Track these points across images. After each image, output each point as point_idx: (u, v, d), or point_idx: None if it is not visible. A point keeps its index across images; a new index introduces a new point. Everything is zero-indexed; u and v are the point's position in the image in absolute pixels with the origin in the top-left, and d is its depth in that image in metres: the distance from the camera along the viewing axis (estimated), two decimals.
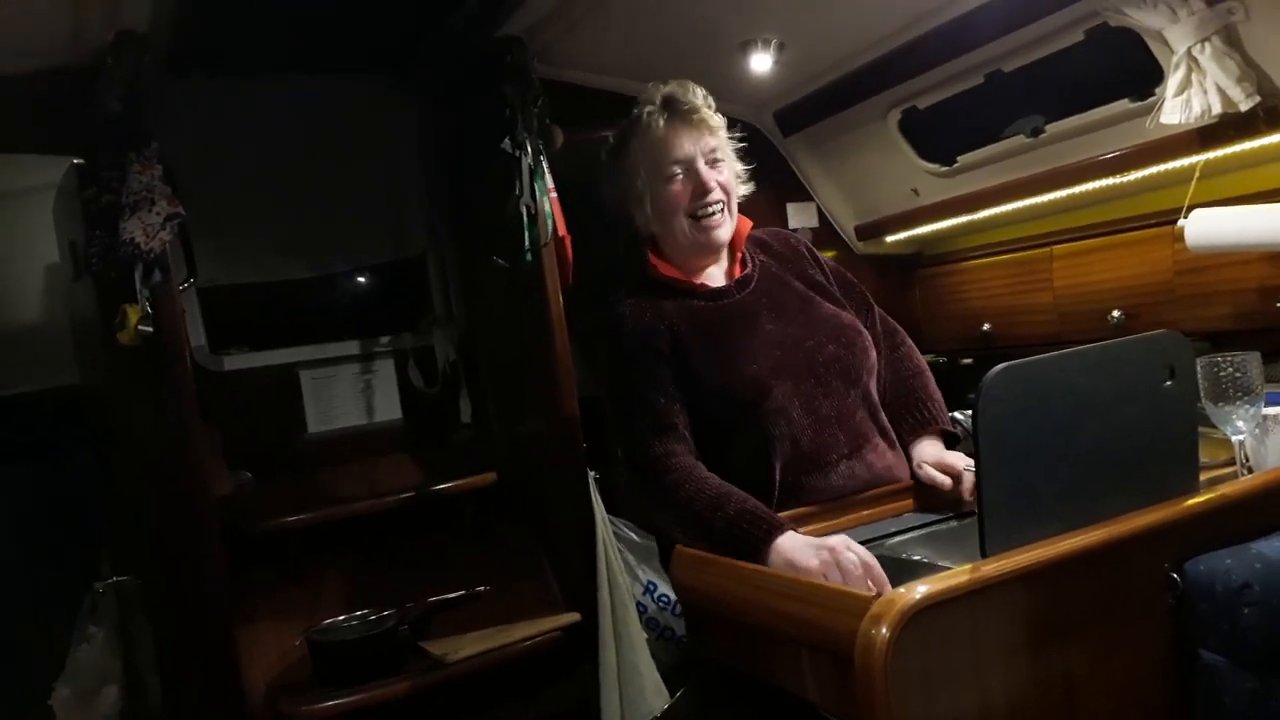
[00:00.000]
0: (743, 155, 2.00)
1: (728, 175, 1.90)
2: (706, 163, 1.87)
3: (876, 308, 2.10)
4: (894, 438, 1.93)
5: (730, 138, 1.97)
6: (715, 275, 1.95)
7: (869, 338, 1.94)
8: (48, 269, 3.01)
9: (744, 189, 1.99)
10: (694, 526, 1.67)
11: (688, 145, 1.86)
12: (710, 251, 1.93)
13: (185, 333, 2.48)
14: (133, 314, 2.20)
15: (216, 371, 3.00)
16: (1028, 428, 1.32)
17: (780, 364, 1.80)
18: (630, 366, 1.82)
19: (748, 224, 1.99)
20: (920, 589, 1.22)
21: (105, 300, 2.32)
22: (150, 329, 2.21)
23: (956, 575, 1.26)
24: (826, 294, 1.97)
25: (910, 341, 2.10)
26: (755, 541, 1.57)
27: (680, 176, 1.87)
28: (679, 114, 1.87)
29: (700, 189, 1.86)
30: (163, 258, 2.21)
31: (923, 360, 2.08)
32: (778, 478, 1.78)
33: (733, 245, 1.98)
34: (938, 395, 2.02)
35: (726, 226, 1.90)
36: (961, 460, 1.85)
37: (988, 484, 1.30)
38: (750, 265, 1.97)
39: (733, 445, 1.79)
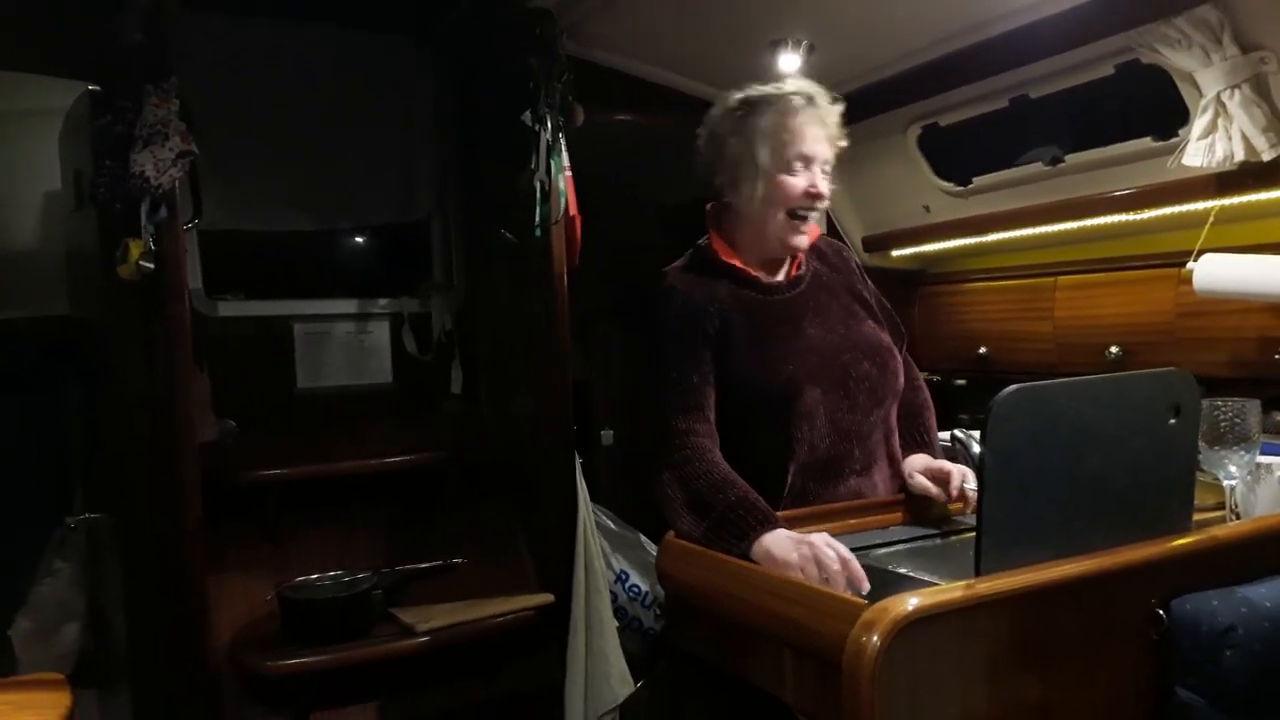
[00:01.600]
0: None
1: (829, 190, 1.90)
2: (822, 171, 1.87)
3: (905, 344, 2.11)
4: (900, 466, 1.95)
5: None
6: (771, 270, 1.95)
7: (900, 364, 1.95)
8: (47, 195, 2.96)
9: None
10: (693, 503, 1.69)
11: (819, 146, 1.86)
12: (785, 252, 1.92)
13: (185, 273, 2.45)
14: (135, 248, 2.17)
15: (210, 316, 2.97)
16: (1034, 451, 1.32)
17: (815, 370, 1.81)
18: (674, 339, 1.83)
19: (818, 232, 2.00)
20: (913, 600, 1.21)
21: (107, 232, 2.30)
22: (151, 265, 2.18)
23: (950, 590, 1.26)
24: (870, 311, 1.98)
25: (926, 392, 2.11)
26: (745, 530, 1.60)
27: (800, 170, 1.85)
28: (818, 114, 1.86)
29: (814, 190, 1.85)
30: (171, 194, 2.19)
31: (929, 399, 2.09)
32: (789, 479, 1.79)
33: None
34: (935, 431, 2.05)
35: (807, 238, 1.91)
36: (953, 465, 1.87)
37: (990, 502, 1.30)
38: (805, 267, 1.97)
39: (755, 439, 1.81)
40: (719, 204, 1.96)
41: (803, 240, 1.89)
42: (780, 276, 1.95)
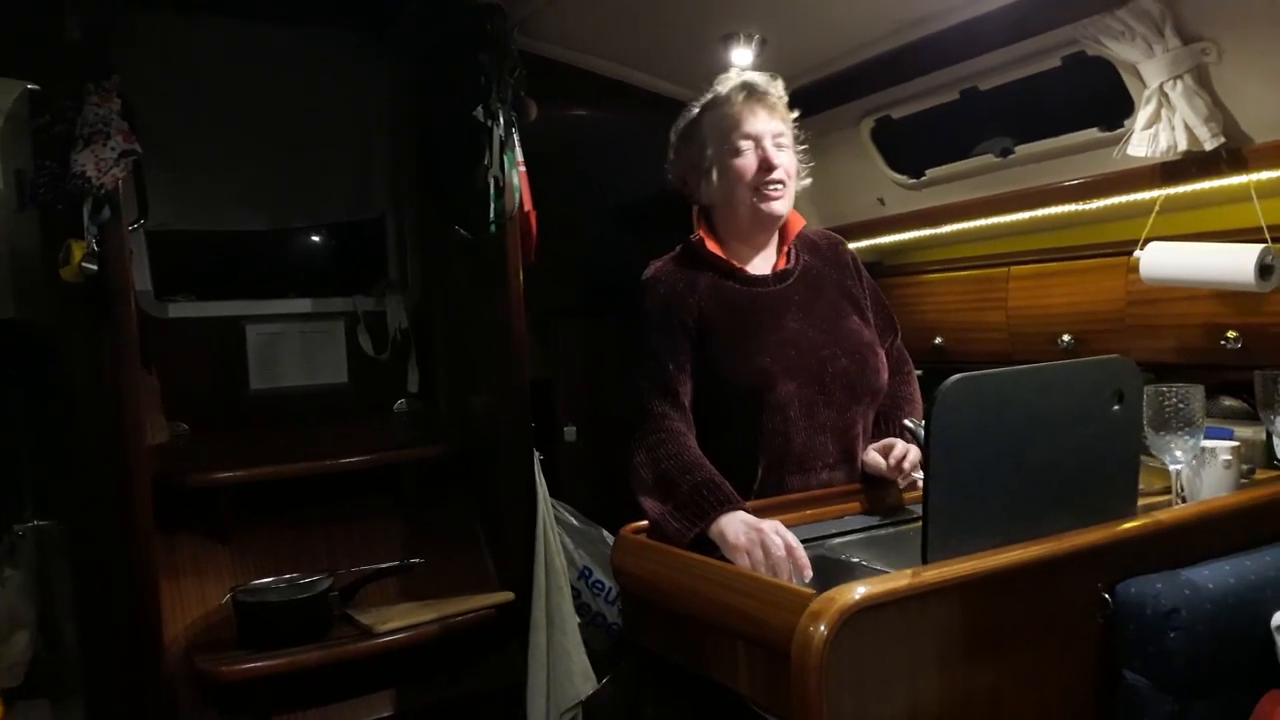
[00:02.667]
0: (802, 155, 2.01)
1: (790, 160, 1.93)
2: (773, 144, 1.90)
3: (899, 337, 2.13)
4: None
5: (795, 133, 1.98)
6: (758, 264, 1.97)
7: (884, 361, 1.97)
8: None
9: (803, 182, 2.01)
10: (660, 484, 1.72)
11: (760, 123, 1.89)
12: (768, 224, 1.94)
13: (131, 275, 2.40)
14: (77, 250, 2.13)
15: (159, 318, 2.92)
16: (979, 439, 1.33)
17: (792, 363, 1.83)
18: (654, 327, 1.87)
19: (801, 221, 2.01)
20: (860, 589, 1.22)
21: (50, 233, 2.25)
22: (95, 267, 2.14)
23: (897, 579, 1.27)
24: (858, 308, 1.99)
25: (916, 379, 2.13)
26: (704, 511, 1.63)
27: (749, 150, 1.89)
28: (755, 95, 1.91)
29: (765, 163, 1.88)
30: (114, 194, 2.15)
31: (917, 393, 2.10)
32: (760, 472, 1.82)
33: (782, 237, 2.00)
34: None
35: (786, 201, 1.93)
36: (901, 441, 1.89)
37: (935, 491, 1.31)
38: (794, 261, 1.99)
39: (729, 429, 1.83)
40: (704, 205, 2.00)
41: (779, 205, 1.91)
42: (766, 270, 1.96)
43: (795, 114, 1.96)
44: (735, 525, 1.59)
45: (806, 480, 1.85)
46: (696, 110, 1.98)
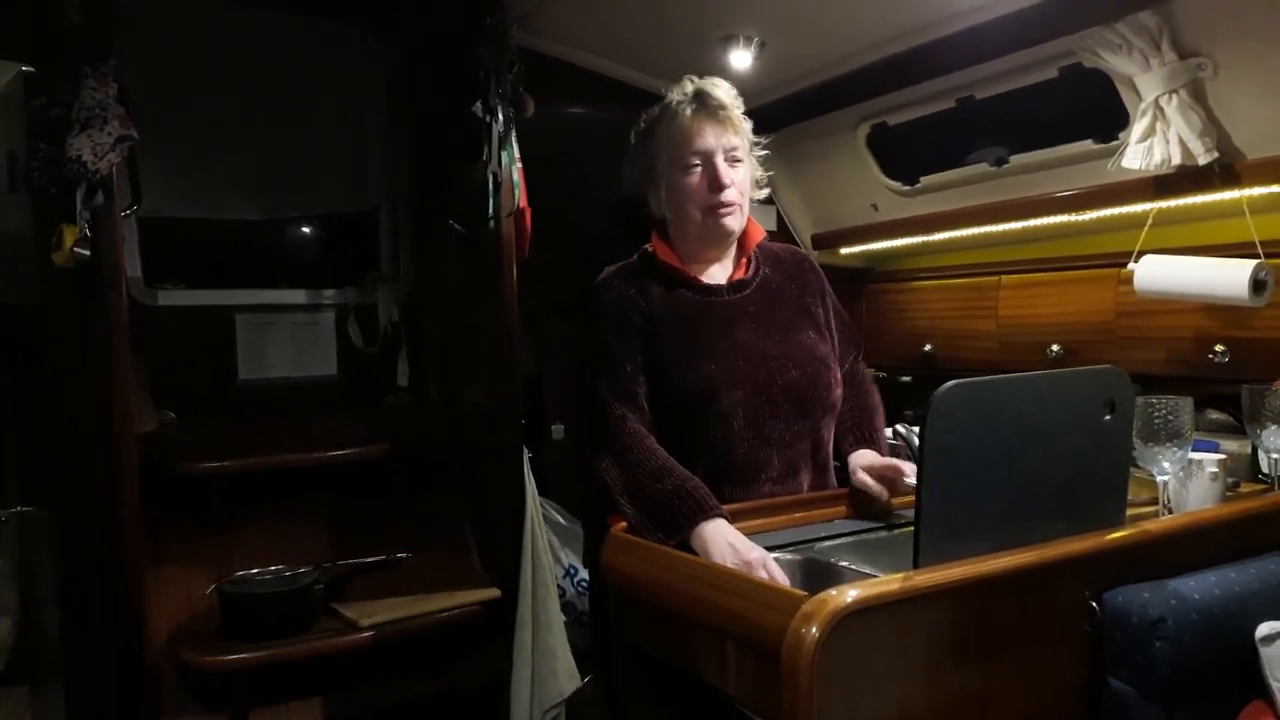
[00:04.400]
0: (763, 162, 1.99)
1: (743, 176, 1.90)
2: (726, 159, 1.87)
3: (861, 355, 2.12)
4: (831, 478, 1.96)
5: (755, 143, 1.96)
6: (715, 273, 1.95)
7: (837, 376, 1.94)
8: None
9: (759, 193, 1.99)
10: (632, 490, 1.71)
11: (710, 139, 1.86)
12: (720, 239, 1.92)
13: (122, 261, 2.39)
14: (69, 234, 2.11)
15: (149, 305, 2.91)
16: (972, 445, 1.34)
17: (738, 372, 1.81)
18: (608, 330, 1.86)
19: (760, 232, 1.99)
20: (852, 593, 1.23)
21: (42, 217, 2.23)
22: (87, 252, 2.12)
23: (889, 582, 1.27)
24: (815, 324, 1.97)
25: (878, 396, 2.11)
26: (685, 518, 1.62)
27: (698, 168, 1.86)
28: (707, 108, 1.87)
29: (715, 183, 1.85)
30: (108, 180, 2.13)
31: (880, 403, 2.09)
32: (699, 478, 1.76)
33: (741, 248, 1.98)
34: (882, 431, 2.05)
35: (737, 218, 1.90)
36: (902, 461, 1.88)
37: (928, 496, 1.31)
38: (752, 271, 1.97)
39: (674, 436, 1.81)
40: None
41: (730, 222, 1.88)
42: (722, 279, 1.95)
43: (748, 124, 1.92)
44: (720, 545, 1.57)
45: (749, 492, 1.83)
46: (648, 120, 1.95)
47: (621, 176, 2.02)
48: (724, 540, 1.58)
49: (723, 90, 1.91)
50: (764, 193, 2.02)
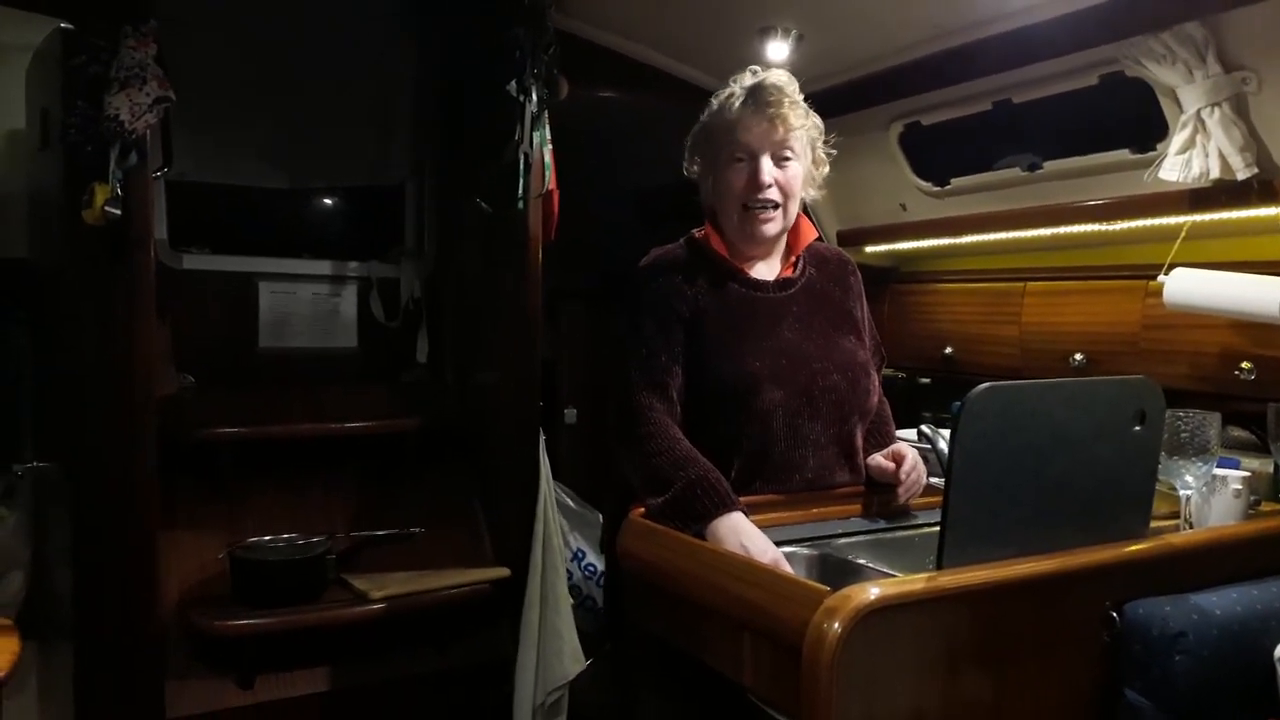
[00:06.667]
0: (825, 159, 1.95)
1: (791, 174, 1.86)
2: (774, 158, 1.84)
3: (881, 368, 2.11)
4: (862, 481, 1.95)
5: (822, 139, 1.93)
6: (762, 269, 1.94)
7: (875, 384, 1.95)
8: (9, 134, 2.88)
9: (812, 192, 1.96)
10: (653, 480, 1.70)
11: (756, 136, 1.83)
12: (756, 244, 1.90)
13: (153, 222, 2.39)
14: (101, 193, 2.12)
15: (173, 268, 2.91)
16: (1002, 449, 1.33)
17: (781, 372, 1.80)
18: (648, 316, 1.83)
19: (812, 232, 1.98)
20: (874, 590, 1.22)
21: (73, 175, 2.23)
22: (118, 211, 2.13)
23: (912, 582, 1.27)
24: (855, 330, 1.97)
25: (888, 406, 2.10)
26: (704, 510, 1.62)
27: (743, 163, 1.84)
28: (758, 103, 1.83)
29: (754, 181, 1.83)
30: (143, 140, 2.14)
31: (890, 414, 2.09)
32: (733, 475, 1.78)
33: (790, 247, 1.97)
34: (894, 438, 2.04)
35: (776, 224, 1.87)
36: (910, 450, 1.89)
37: (956, 498, 1.31)
38: (799, 271, 1.96)
39: (709, 430, 1.80)
40: None
41: (767, 229, 1.86)
42: (770, 276, 1.94)
43: (808, 120, 1.88)
44: (732, 543, 1.57)
45: (780, 491, 1.83)
46: (710, 109, 1.93)
47: (684, 161, 1.98)
48: (736, 539, 1.58)
49: (781, 84, 1.86)
50: (818, 192, 1.98)
